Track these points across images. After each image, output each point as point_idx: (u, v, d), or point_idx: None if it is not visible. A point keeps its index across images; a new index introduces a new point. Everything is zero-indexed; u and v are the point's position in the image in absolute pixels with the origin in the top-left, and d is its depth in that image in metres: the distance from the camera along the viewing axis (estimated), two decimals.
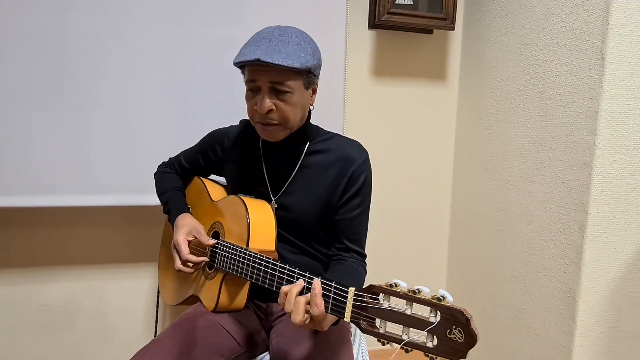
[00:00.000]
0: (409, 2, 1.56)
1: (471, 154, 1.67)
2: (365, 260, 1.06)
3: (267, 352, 1.07)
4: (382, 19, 1.54)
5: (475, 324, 0.64)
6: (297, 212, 1.02)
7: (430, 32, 1.67)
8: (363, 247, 1.06)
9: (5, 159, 1.32)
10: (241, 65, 0.93)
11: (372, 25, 1.61)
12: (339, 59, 1.49)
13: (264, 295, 1.08)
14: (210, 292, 1.02)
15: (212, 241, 1.01)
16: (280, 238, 1.03)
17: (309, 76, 0.95)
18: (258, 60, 0.86)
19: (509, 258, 1.45)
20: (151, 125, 1.40)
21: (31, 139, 1.33)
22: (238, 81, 1.06)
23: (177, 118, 1.42)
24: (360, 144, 1.08)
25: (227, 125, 1.20)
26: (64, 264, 1.52)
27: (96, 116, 1.36)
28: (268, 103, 0.92)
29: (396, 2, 1.54)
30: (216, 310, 1.00)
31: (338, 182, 1.01)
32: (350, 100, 1.64)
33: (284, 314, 1.07)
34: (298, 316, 0.74)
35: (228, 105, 1.43)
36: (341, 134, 1.11)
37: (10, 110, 1.31)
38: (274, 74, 0.90)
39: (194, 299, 1.10)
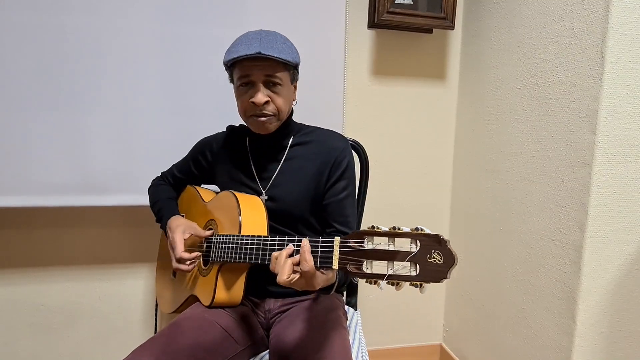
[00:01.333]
0: (408, 2, 1.55)
1: (471, 154, 1.67)
2: None
3: (266, 351, 1.07)
4: (382, 18, 1.54)
5: (475, 324, 0.65)
6: (287, 201, 1.07)
7: (429, 31, 1.66)
8: (353, 230, 1.10)
9: (4, 159, 1.32)
10: (232, 63, 0.99)
11: (372, 24, 1.61)
12: (338, 58, 1.49)
13: (260, 292, 1.09)
14: (207, 287, 1.03)
15: (208, 232, 1.06)
16: (273, 230, 1.07)
17: (294, 72, 1.04)
18: (259, 53, 0.94)
19: (509, 258, 1.45)
20: (150, 126, 1.40)
21: (30, 139, 1.33)
22: None
23: (176, 118, 1.42)
24: (340, 134, 1.15)
25: (224, 125, 1.22)
26: (63, 264, 1.52)
27: (95, 116, 1.37)
28: (265, 95, 0.99)
29: (396, 2, 1.54)
30: (213, 304, 1.00)
31: (323, 169, 1.08)
32: (350, 99, 1.64)
33: (282, 311, 1.08)
34: (283, 276, 0.79)
35: (227, 105, 1.43)
36: (322, 127, 1.17)
37: (9, 111, 1.31)
38: (268, 68, 0.97)
39: (191, 302, 1.11)
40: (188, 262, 1.01)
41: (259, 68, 0.97)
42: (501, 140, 1.48)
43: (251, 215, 1.00)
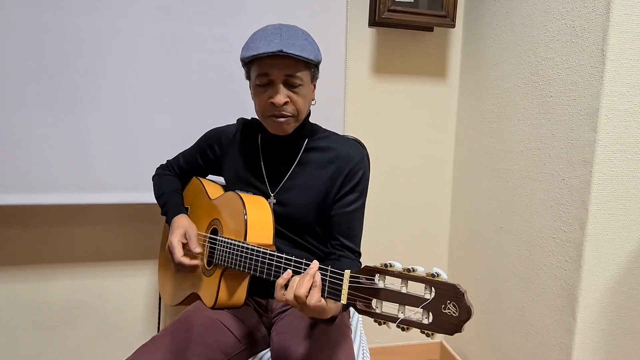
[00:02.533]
0: (409, 0, 1.55)
1: (471, 152, 1.67)
2: (360, 260, 1.06)
3: (268, 349, 1.07)
4: (383, 16, 1.54)
5: (476, 322, 0.64)
6: (295, 207, 1.03)
7: (430, 29, 1.66)
8: (357, 245, 1.07)
9: (5, 157, 1.32)
10: (250, 60, 0.94)
11: (373, 22, 1.61)
12: (339, 56, 1.49)
13: (264, 292, 1.08)
14: (210, 288, 1.03)
15: (198, 249, 1.00)
16: (278, 234, 1.04)
17: (315, 70, 0.99)
18: (281, 51, 0.88)
19: (509, 256, 1.45)
20: (151, 123, 1.41)
21: (31, 137, 1.33)
22: (237, 79, 1.07)
23: (176, 116, 1.42)
24: (358, 143, 1.10)
25: (225, 124, 1.20)
26: (64, 262, 1.52)
27: (96, 114, 1.37)
28: (285, 95, 0.94)
29: (396, 0, 1.54)
30: (216, 307, 1.00)
31: (335, 179, 1.03)
32: (351, 97, 1.64)
33: (284, 310, 1.08)
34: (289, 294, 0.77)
35: (227, 103, 1.43)
36: (339, 133, 1.12)
37: (10, 109, 1.31)
38: (287, 67, 0.92)
39: (194, 297, 1.11)
40: (187, 265, 1.00)
41: (279, 67, 0.92)
42: (502, 138, 1.48)
43: (257, 221, 0.97)
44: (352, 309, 1.28)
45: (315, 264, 0.78)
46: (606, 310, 1.18)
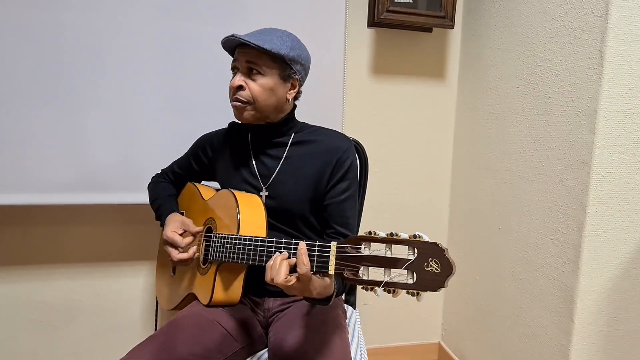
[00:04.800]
0: (408, 1, 1.55)
1: (470, 153, 1.67)
2: None
3: (265, 349, 1.07)
4: (381, 17, 1.54)
5: (473, 322, 0.65)
6: (287, 200, 1.06)
7: (429, 30, 1.67)
8: (353, 232, 1.09)
9: (3, 157, 1.32)
10: (229, 50, 1.05)
11: (371, 23, 1.61)
12: (338, 57, 1.50)
13: (260, 291, 1.09)
14: (205, 285, 1.03)
15: (197, 228, 1.05)
16: (272, 227, 1.06)
17: (285, 67, 1.02)
18: (233, 35, 0.97)
19: (507, 257, 1.45)
20: (149, 124, 1.41)
21: (29, 137, 1.33)
22: None
23: (175, 116, 1.42)
24: (344, 134, 1.14)
25: (224, 124, 1.22)
26: (62, 262, 1.52)
27: (95, 114, 1.37)
28: (238, 79, 1.01)
29: (395, 0, 1.54)
30: (211, 304, 1.01)
31: (324, 169, 1.06)
32: (349, 98, 1.64)
33: (281, 309, 1.08)
34: (280, 277, 0.78)
35: (227, 103, 1.43)
36: (326, 127, 1.16)
37: (9, 109, 1.31)
38: (250, 55, 0.99)
39: (190, 300, 1.11)
40: (193, 251, 1.03)
41: (243, 54, 1.00)
42: (500, 139, 1.49)
43: (250, 215, 1.00)
44: (350, 309, 1.28)
45: (302, 244, 0.81)
46: (604, 311, 1.18)
